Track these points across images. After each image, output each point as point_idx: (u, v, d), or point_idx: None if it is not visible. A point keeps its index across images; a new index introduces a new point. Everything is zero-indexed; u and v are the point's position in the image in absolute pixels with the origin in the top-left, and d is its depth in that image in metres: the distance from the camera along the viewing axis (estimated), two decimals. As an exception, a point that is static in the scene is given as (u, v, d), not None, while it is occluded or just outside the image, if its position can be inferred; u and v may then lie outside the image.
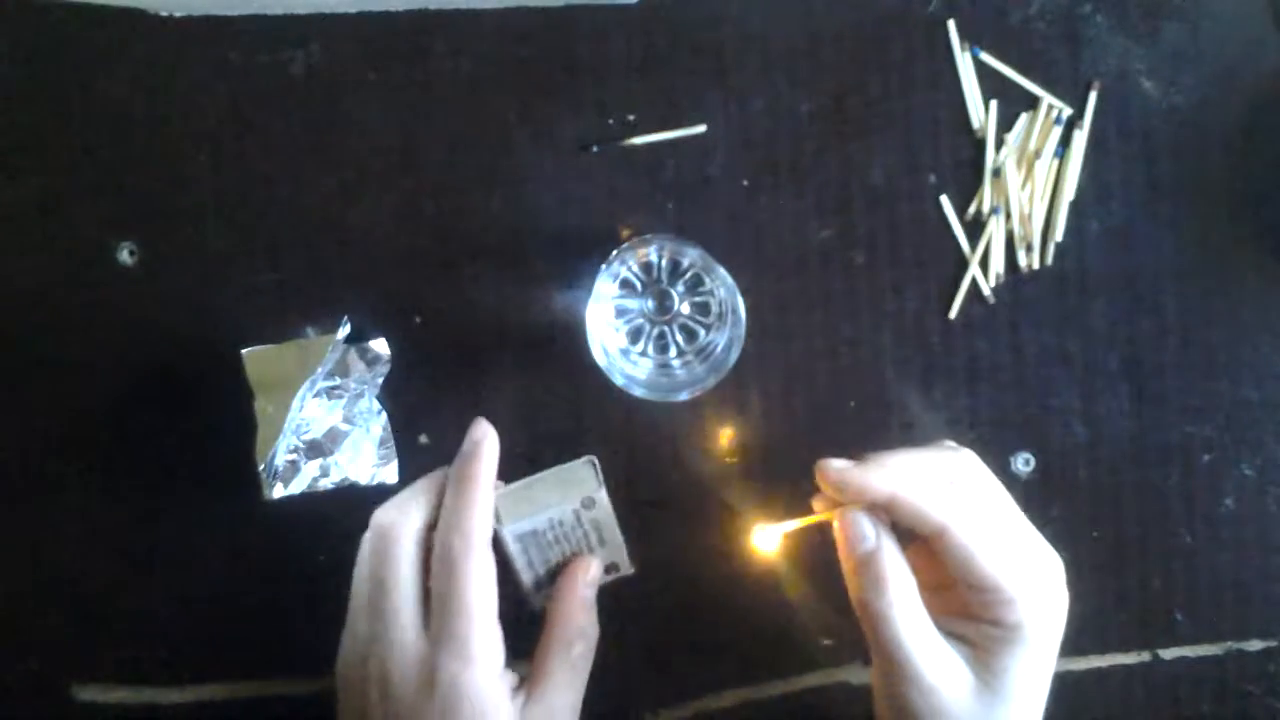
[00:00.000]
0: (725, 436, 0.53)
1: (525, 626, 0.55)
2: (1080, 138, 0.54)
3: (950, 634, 0.43)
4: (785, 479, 0.55)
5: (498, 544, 0.47)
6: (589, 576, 0.48)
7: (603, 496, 0.48)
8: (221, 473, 0.54)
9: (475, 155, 0.54)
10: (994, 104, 0.54)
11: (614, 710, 0.55)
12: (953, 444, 0.48)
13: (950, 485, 0.43)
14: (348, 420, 0.53)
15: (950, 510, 0.42)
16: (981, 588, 0.42)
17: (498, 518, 0.47)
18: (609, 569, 0.50)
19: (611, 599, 0.50)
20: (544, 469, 0.48)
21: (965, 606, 0.44)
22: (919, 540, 0.44)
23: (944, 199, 0.54)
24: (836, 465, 0.43)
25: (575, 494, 0.48)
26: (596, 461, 0.47)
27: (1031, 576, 0.43)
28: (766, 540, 0.48)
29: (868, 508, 0.44)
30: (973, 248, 0.54)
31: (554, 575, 0.49)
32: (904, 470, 0.43)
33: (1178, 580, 0.56)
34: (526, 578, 0.49)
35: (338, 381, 0.53)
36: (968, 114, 0.54)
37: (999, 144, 0.54)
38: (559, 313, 0.54)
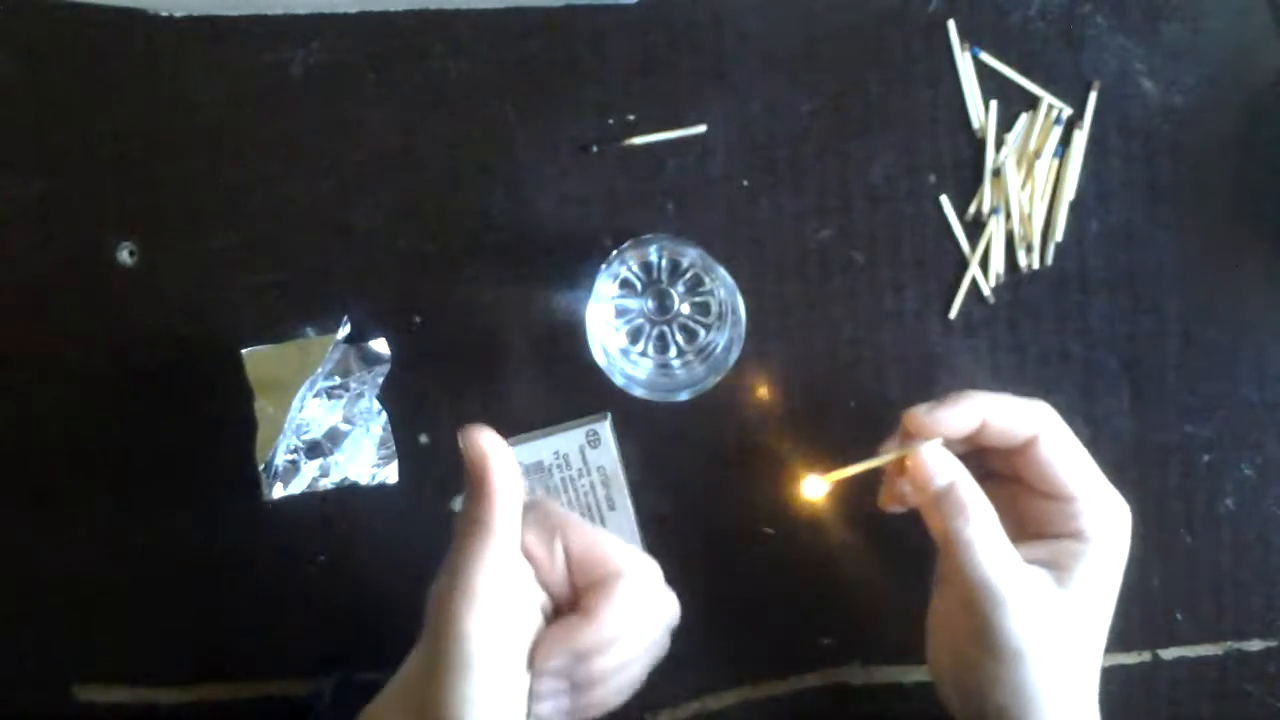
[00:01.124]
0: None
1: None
2: (1080, 138, 0.54)
3: (1026, 559, 0.45)
4: (785, 479, 0.55)
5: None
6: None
7: (608, 434, 0.48)
8: (221, 473, 0.54)
9: (475, 155, 0.54)
10: (994, 104, 0.54)
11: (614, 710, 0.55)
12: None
13: (1031, 405, 0.47)
14: (348, 420, 0.53)
15: (1039, 421, 0.46)
16: (1064, 496, 0.46)
17: None
18: None
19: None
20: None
21: (1040, 525, 0.47)
22: (991, 478, 0.48)
23: (944, 199, 0.54)
24: (923, 408, 0.46)
25: (581, 428, 0.48)
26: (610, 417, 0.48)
27: (1102, 491, 0.47)
28: (815, 489, 0.48)
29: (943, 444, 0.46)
30: (973, 248, 0.54)
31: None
32: (988, 396, 0.46)
33: (1178, 580, 0.56)
34: None
35: (338, 381, 0.53)
36: (968, 114, 0.54)
37: (999, 144, 0.54)
38: (559, 313, 0.54)
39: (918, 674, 0.55)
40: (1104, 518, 0.46)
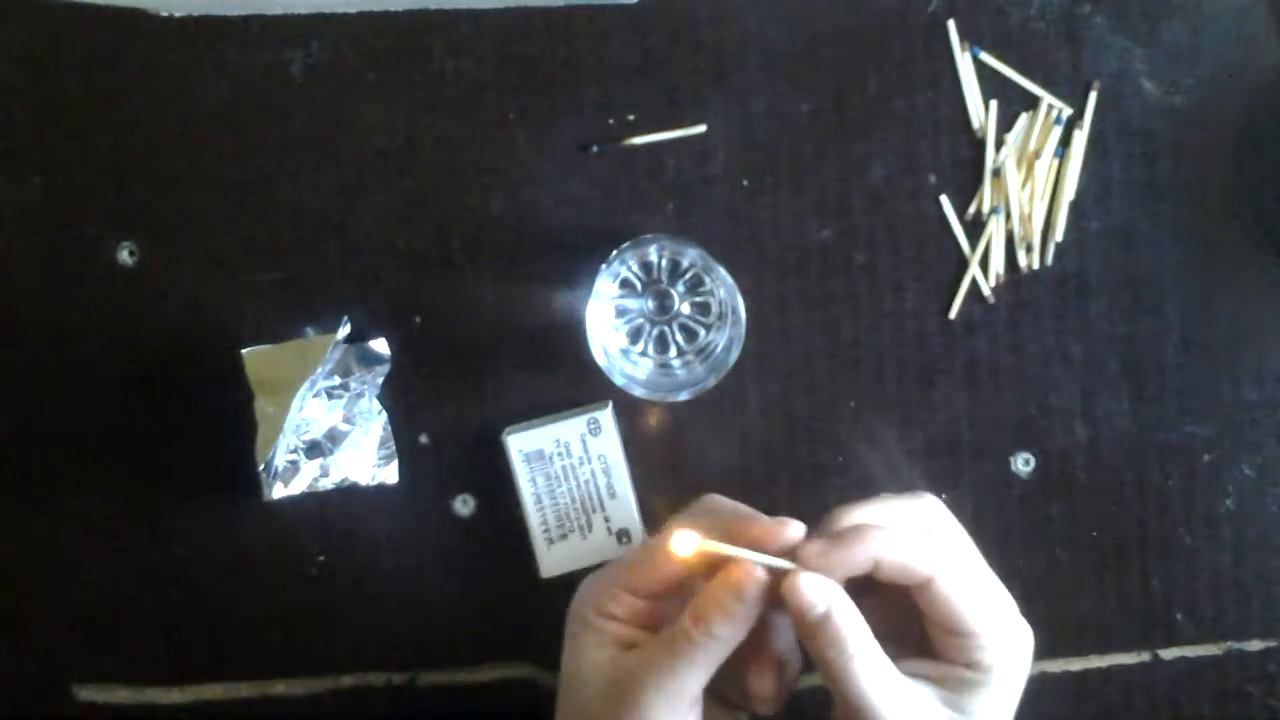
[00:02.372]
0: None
1: (529, 614, 0.55)
2: (1080, 138, 0.54)
3: (914, 675, 0.43)
4: (784, 479, 0.55)
5: (504, 466, 0.48)
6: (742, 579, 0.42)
7: (609, 422, 0.48)
8: (221, 473, 0.54)
9: (475, 155, 0.54)
10: (994, 104, 0.54)
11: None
12: (921, 493, 0.47)
13: (927, 535, 0.44)
14: (348, 420, 0.53)
15: (934, 561, 0.42)
16: (961, 632, 0.42)
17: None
18: (619, 536, 0.50)
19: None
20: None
21: (934, 649, 0.44)
22: (877, 591, 0.44)
23: (944, 199, 0.54)
24: (816, 546, 0.42)
25: (582, 416, 0.48)
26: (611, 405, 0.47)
27: (1003, 621, 0.44)
28: (684, 545, 0.43)
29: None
30: (973, 248, 0.54)
31: (563, 526, 0.50)
32: (882, 533, 0.42)
33: (1178, 580, 0.56)
34: (535, 520, 0.50)
35: (338, 381, 0.53)
36: (968, 114, 0.54)
37: (999, 144, 0.54)
38: (559, 313, 0.54)
39: (918, 674, 0.55)
40: (1006, 651, 0.43)
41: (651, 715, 0.41)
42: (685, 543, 0.42)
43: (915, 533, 0.43)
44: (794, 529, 0.43)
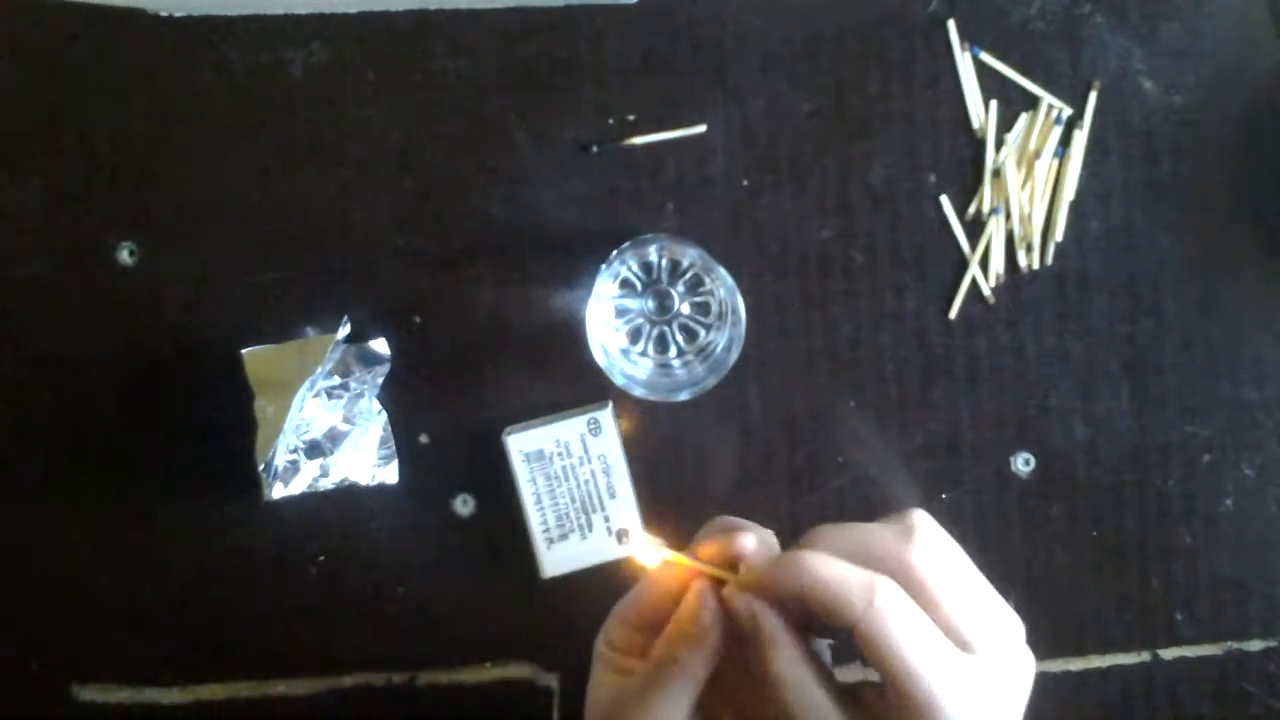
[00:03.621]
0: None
1: (529, 614, 0.55)
2: (1080, 138, 0.54)
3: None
4: (784, 479, 0.55)
5: (504, 466, 0.48)
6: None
7: (609, 422, 0.48)
8: (221, 473, 0.54)
9: (475, 155, 0.54)
10: (994, 104, 0.54)
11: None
12: (909, 512, 0.42)
13: (865, 581, 0.38)
14: (348, 420, 0.53)
15: (857, 611, 0.38)
16: (893, 691, 0.38)
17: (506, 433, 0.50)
18: (619, 536, 0.50)
19: (611, 597, 0.49)
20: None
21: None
22: None
23: (944, 199, 0.54)
24: (749, 571, 0.41)
25: (582, 416, 0.49)
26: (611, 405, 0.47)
27: (930, 687, 0.38)
28: (650, 557, 0.43)
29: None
30: (973, 248, 0.54)
31: (563, 526, 0.50)
32: (812, 568, 0.39)
33: (1178, 580, 0.56)
34: (535, 519, 0.50)
35: (338, 381, 0.53)
36: (968, 114, 0.54)
37: (999, 144, 0.54)
38: (559, 313, 0.54)
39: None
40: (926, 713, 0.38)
41: None
42: (650, 554, 0.42)
43: (849, 577, 0.39)
44: (740, 543, 0.41)
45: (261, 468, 0.50)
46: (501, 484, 0.53)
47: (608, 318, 0.52)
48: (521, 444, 0.50)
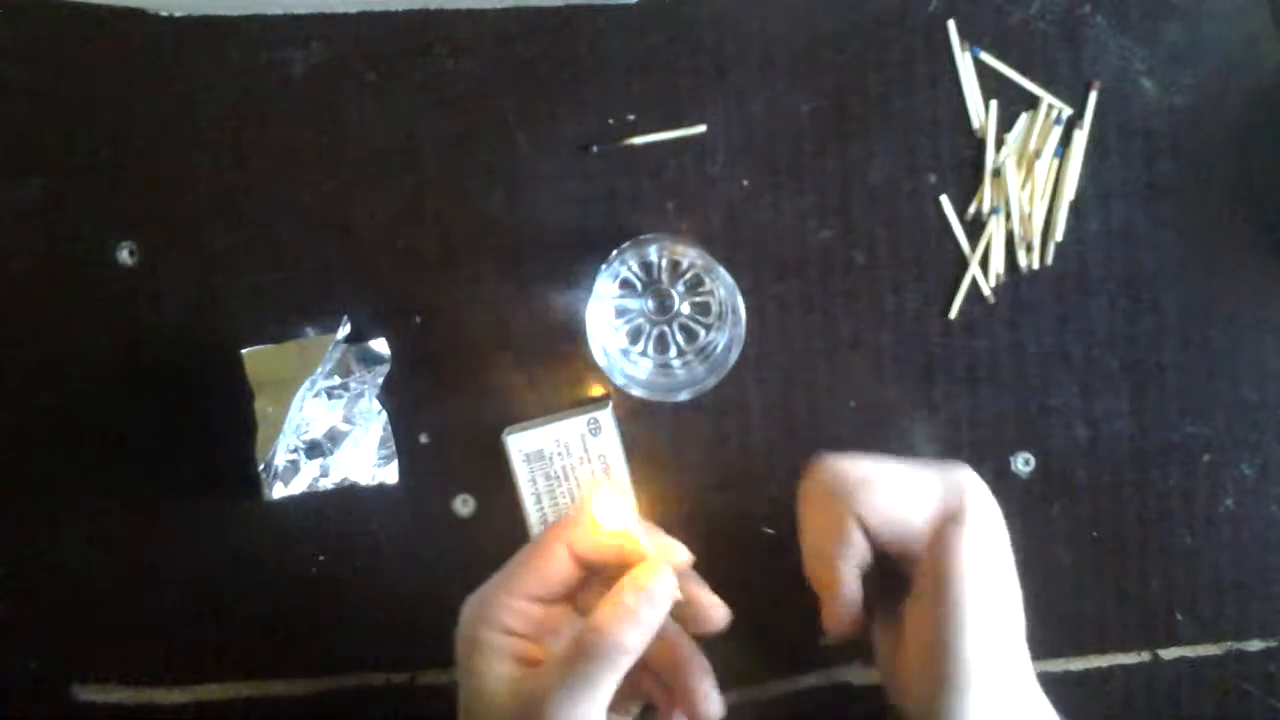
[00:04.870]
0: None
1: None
2: (1080, 138, 0.54)
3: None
4: (784, 479, 0.55)
5: (504, 466, 0.48)
6: (648, 583, 0.41)
7: (609, 422, 0.48)
8: (221, 473, 0.54)
9: (475, 155, 0.54)
10: (994, 104, 0.54)
11: (614, 710, 0.55)
12: (957, 464, 0.46)
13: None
14: (348, 420, 0.53)
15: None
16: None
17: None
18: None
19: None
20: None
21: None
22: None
23: (944, 199, 0.54)
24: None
25: (582, 416, 0.49)
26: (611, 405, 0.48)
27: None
28: (610, 515, 0.43)
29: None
30: (973, 248, 0.54)
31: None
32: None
33: (1178, 580, 0.56)
34: (535, 520, 0.50)
35: (338, 381, 0.53)
36: (968, 114, 0.54)
37: (999, 144, 0.54)
38: (559, 313, 0.54)
39: (918, 674, 0.55)
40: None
41: None
42: (612, 511, 0.41)
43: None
44: (680, 555, 0.44)
45: (261, 468, 0.50)
46: (501, 484, 0.53)
47: (608, 318, 0.52)
48: (521, 444, 0.50)
